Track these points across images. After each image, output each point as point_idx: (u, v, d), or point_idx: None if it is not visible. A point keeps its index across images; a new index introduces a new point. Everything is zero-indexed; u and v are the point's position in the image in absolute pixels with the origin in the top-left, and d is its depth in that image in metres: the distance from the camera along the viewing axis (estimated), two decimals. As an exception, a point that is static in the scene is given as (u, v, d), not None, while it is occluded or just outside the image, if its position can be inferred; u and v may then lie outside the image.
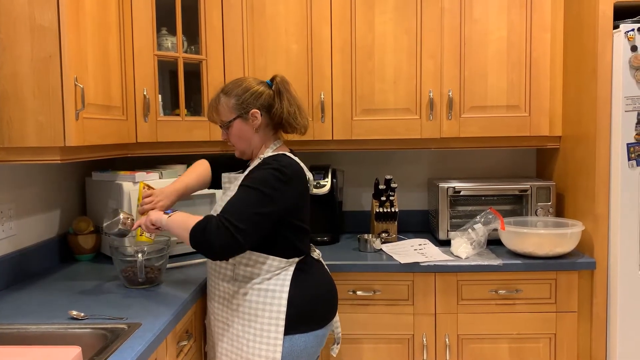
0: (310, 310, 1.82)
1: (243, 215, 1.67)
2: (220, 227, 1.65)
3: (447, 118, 2.57)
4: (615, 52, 2.22)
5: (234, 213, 1.67)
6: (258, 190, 1.70)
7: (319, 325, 1.84)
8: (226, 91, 1.87)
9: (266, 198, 1.70)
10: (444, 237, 2.62)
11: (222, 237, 1.65)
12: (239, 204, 1.69)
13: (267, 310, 1.77)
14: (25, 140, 1.73)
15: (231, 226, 1.64)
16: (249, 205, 1.68)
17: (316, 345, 1.85)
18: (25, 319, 1.66)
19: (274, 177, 1.72)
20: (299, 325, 1.79)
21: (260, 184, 1.71)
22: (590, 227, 2.33)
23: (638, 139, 2.21)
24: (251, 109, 1.83)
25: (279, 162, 1.76)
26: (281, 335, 1.75)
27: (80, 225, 2.42)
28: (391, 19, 2.55)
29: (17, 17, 1.70)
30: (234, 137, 1.88)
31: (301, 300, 1.79)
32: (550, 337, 2.35)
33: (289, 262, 1.82)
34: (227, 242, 1.65)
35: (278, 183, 1.72)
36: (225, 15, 2.56)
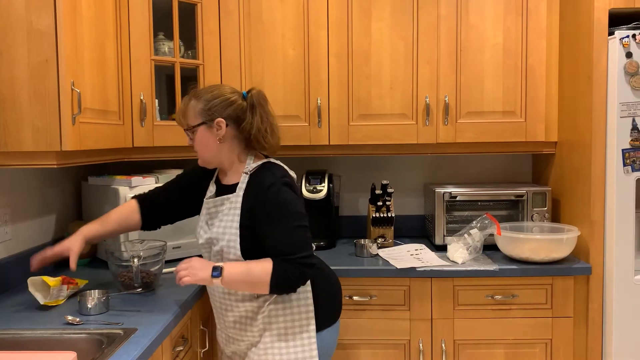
0: (331, 304, 1.88)
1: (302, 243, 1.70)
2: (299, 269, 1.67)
3: (444, 123, 2.57)
4: (611, 59, 2.23)
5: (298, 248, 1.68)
6: (291, 215, 1.70)
7: (338, 315, 1.92)
8: (197, 95, 1.79)
9: (301, 216, 1.72)
10: (440, 242, 2.62)
11: (303, 275, 1.69)
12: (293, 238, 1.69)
13: (295, 313, 1.78)
14: (22, 144, 1.73)
15: (306, 259, 1.69)
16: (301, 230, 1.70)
17: (337, 335, 1.93)
18: (20, 324, 1.66)
19: (288, 193, 1.72)
20: (326, 320, 1.84)
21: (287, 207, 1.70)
22: (586, 232, 2.34)
23: (633, 144, 2.22)
24: (217, 117, 1.75)
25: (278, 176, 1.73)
26: (314, 334, 1.78)
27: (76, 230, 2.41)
28: (387, 25, 2.56)
29: (14, 21, 1.70)
30: (197, 144, 1.79)
31: (323, 296, 1.83)
32: (546, 343, 2.35)
33: None
34: (308, 275, 1.71)
35: (293, 197, 1.73)
36: (222, 20, 2.56)
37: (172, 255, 2.42)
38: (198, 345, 2.05)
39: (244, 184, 1.76)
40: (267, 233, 1.70)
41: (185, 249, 2.46)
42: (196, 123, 1.77)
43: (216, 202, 1.82)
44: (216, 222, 1.79)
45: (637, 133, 2.22)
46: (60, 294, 1.84)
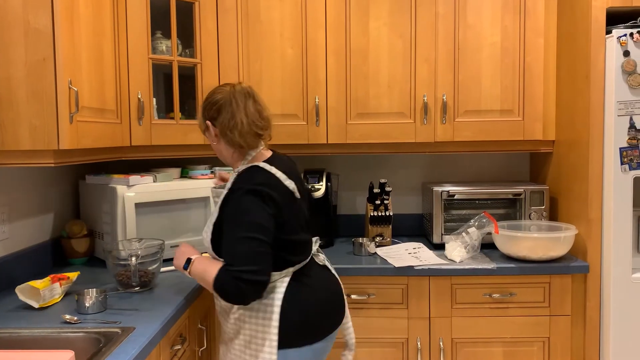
0: (304, 323, 1.73)
1: (248, 254, 1.60)
2: (238, 282, 1.58)
3: (441, 122, 2.58)
4: (608, 57, 2.23)
5: (238, 260, 1.60)
6: (243, 224, 1.62)
7: (315, 338, 1.75)
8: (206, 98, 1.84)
9: (256, 226, 1.62)
10: (438, 240, 2.62)
11: (242, 289, 1.58)
12: (236, 248, 1.62)
13: (259, 325, 1.71)
14: (19, 143, 1.73)
15: (244, 274, 1.57)
16: (248, 242, 1.61)
17: (312, 358, 1.76)
18: (18, 323, 1.66)
19: (251, 201, 1.64)
20: (293, 339, 1.71)
21: (243, 215, 1.63)
22: (584, 231, 2.34)
23: (630, 143, 2.23)
24: (207, 119, 1.80)
25: (250, 181, 1.68)
26: (275, 350, 1.67)
27: (74, 229, 2.41)
28: (386, 24, 2.56)
29: (11, 20, 1.70)
30: (213, 146, 1.85)
31: (294, 314, 1.71)
32: (543, 341, 2.35)
33: (282, 274, 1.73)
34: (251, 290, 1.60)
35: (256, 206, 1.64)
36: (220, 19, 2.56)
37: (170, 254, 2.41)
38: (196, 344, 2.05)
39: (231, 183, 1.73)
40: (224, 237, 1.67)
41: (183, 248, 2.46)
42: (202, 129, 1.86)
43: (217, 192, 1.86)
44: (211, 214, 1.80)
45: (635, 131, 2.22)
46: (54, 293, 1.83)
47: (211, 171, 2.62)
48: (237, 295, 1.60)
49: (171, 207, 2.43)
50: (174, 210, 2.44)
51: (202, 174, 2.58)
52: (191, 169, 2.65)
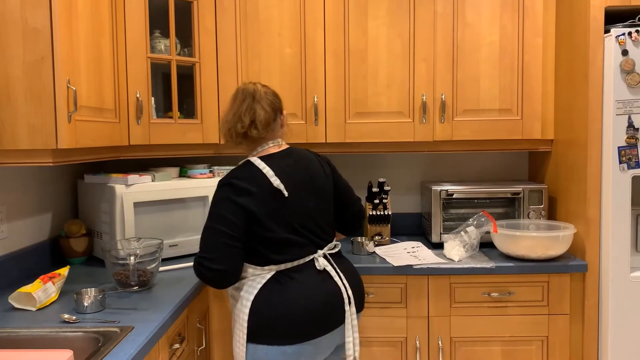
0: (272, 323, 1.72)
1: (207, 243, 1.73)
2: (197, 265, 1.74)
3: (440, 121, 2.58)
4: (607, 56, 2.24)
5: (202, 246, 1.74)
6: (213, 214, 1.74)
7: (284, 341, 1.71)
8: None
9: (219, 217, 1.72)
10: (437, 240, 2.62)
11: (203, 273, 1.72)
12: (203, 234, 1.75)
13: (237, 314, 1.78)
14: (17, 142, 1.72)
15: (204, 260, 1.71)
16: (209, 231, 1.73)
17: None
18: (17, 323, 1.65)
19: (223, 193, 1.74)
20: (261, 335, 1.73)
21: (213, 207, 1.75)
22: (582, 230, 2.35)
23: (629, 142, 2.23)
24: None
25: (230, 175, 1.78)
26: (244, 341, 1.74)
27: (72, 228, 2.41)
28: (384, 23, 2.56)
29: (9, 19, 1.70)
30: None
31: (264, 311, 1.72)
32: (542, 340, 2.35)
33: (265, 270, 1.76)
34: (210, 276, 1.72)
35: (228, 196, 1.73)
36: (218, 18, 2.56)
37: (169, 254, 2.42)
38: (195, 343, 2.05)
39: None
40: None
41: (182, 247, 2.46)
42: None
43: None
44: None
45: (633, 131, 2.22)
46: (49, 292, 1.83)
47: (210, 170, 2.62)
48: (202, 279, 1.74)
49: (170, 206, 2.43)
50: (172, 209, 2.44)
51: (200, 173, 2.57)
52: (190, 168, 2.65)
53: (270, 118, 1.86)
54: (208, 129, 2.56)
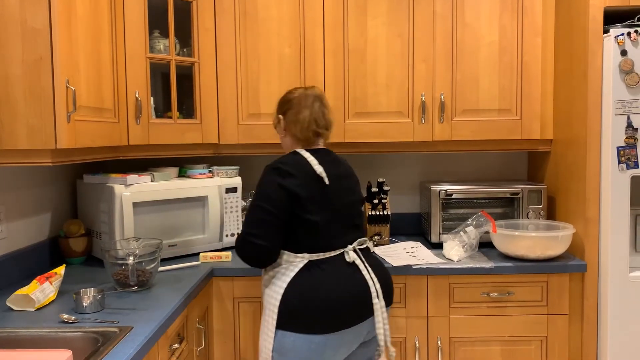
0: (303, 311, 1.77)
1: (251, 219, 1.82)
2: (241, 240, 1.84)
3: (439, 121, 2.58)
4: (606, 57, 2.24)
5: (246, 222, 1.84)
6: (258, 193, 1.84)
7: (311, 330, 1.76)
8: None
9: (265, 195, 1.81)
10: (436, 239, 2.62)
11: (246, 248, 1.83)
12: (248, 212, 1.85)
13: (268, 301, 1.83)
14: (16, 142, 1.72)
15: (248, 235, 1.81)
16: (254, 209, 1.82)
17: (310, 351, 1.76)
18: (16, 323, 1.65)
19: (268, 174, 1.84)
20: (289, 323, 1.78)
21: (259, 187, 1.85)
22: (581, 229, 2.35)
23: (628, 142, 2.23)
24: (278, 114, 2.02)
25: (277, 160, 1.86)
26: (273, 328, 1.79)
27: (71, 228, 2.41)
28: (383, 23, 2.56)
29: (8, 19, 1.70)
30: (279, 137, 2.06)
31: (296, 298, 1.78)
32: (541, 340, 2.36)
33: (298, 257, 1.82)
34: (248, 249, 1.82)
35: (274, 179, 1.82)
36: (218, 18, 2.56)
37: (168, 254, 2.42)
38: (194, 343, 2.05)
39: None
40: None
41: (181, 247, 2.46)
42: (276, 122, 2.04)
43: None
44: None
45: (632, 131, 2.22)
46: (47, 292, 1.83)
47: (209, 170, 2.62)
48: (244, 254, 1.84)
49: (169, 206, 2.43)
50: (171, 209, 2.44)
51: (200, 173, 2.58)
52: (189, 168, 2.65)
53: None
54: (207, 129, 2.56)
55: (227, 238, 2.60)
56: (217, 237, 2.57)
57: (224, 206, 2.57)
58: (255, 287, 2.33)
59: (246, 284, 2.33)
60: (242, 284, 2.33)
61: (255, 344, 2.35)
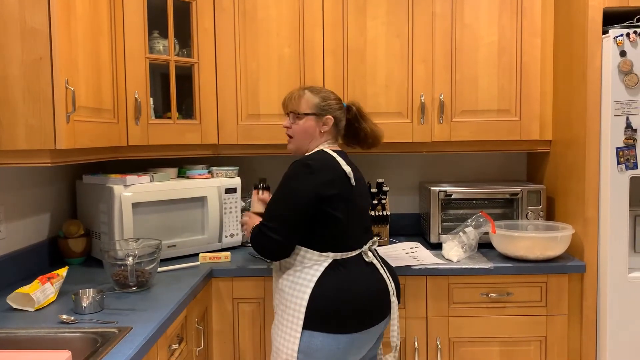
0: (330, 311, 1.78)
1: (273, 213, 1.83)
2: (257, 231, 1.84)
3: (439, 122, 2.58)
4: (605, 57, 2.24)
5: (266, 214, 1.85)
6: (284, 186, 1.83)
7: (341, 329, 1.78)
8: (313, 90, 1.98)
9: (291, 191, 1.81)
10: (436, 240, 2.62)
11: (260, 240, 1.83)
12: (270, 205, 1.86)
13: (291, 301, 1.80)
14: (16, 143, 1.72)
15: (264, 227, 1.82)
16: (277, 203, 1.83)
17: (338, 350, 1.78)
18: (15, 323, 1.65)
19: (299, 170, 1.82)
20: (318, 323, 1.77)
21: (286, 180, 1.84)
22: (581, 230, 2.35)
23: (627, 143, 2.23)
24: (329, 114, 1.96)
25: (307, 157, 1.86)
26: (299, 328, 1.77)
27: (71, 229, 2.41)
28: (383, 24, 2.56)
29: (7, 19, 1.70)
30: (299, 130, 1.97)
31: (323, 299, 1.78)
32: (540, 340, 2.36)
33: (323, 257, 1.82)
34: (264, 242, 1.82)
35: (303, 175, 1.81)
36: (217, 18, 2.56)
37: (167, 254, 2.41)
38: (194, 344, 2.05)
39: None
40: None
41: (180, 248, 2.46)
42: (308, 112, 1.95)
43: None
44: None
45: (631, 131, 2.22)
46: (47, 293, 1.83)
47: (208, 171, 2.62)
48: (256, 244, 1.85)
49: (168, 207, 2.43)
50: (171, 210, 2.44)
51: (199, 174, 2.58)
52: (188, 168, 2.65)
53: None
54: (207, 129, 2.56)
55: (226, 239, 2.60)
56: (217, 237, 2.57)
57: (223, 207, 2.57)
58: (254, 287, 2.33)
59: (245, 284, 2.33)
60: (241, 285, 2.33)
61: (255, 344, 2.35)
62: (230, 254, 2.43)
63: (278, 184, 1.85)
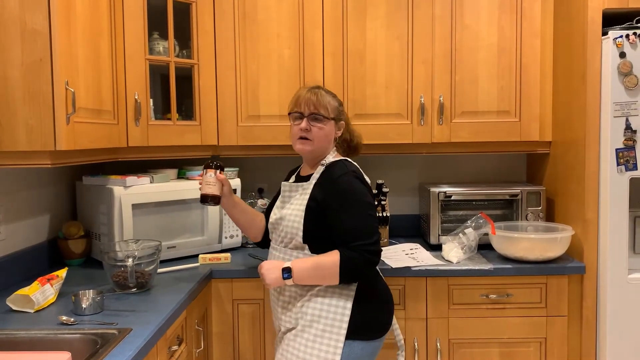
0: (373, 319, 1.81)
1: (369, 230, 1.75)
2: (365, 255, 1.73)
3: (438, 123, 2.58)
4: (604, 59, 2.24)
5: (364, 234, 1.74)
6: (360, 203, 1.78)
7: (378, 334, 1.83)
8: (331, 94, 1.94)
9: (368, 206, 1.79)
10: (435, 241, 2.62)
11: (369, 261, 1.74)
12: (360, 223, 1.76)
13: (331, 312, 1.77)
14: (16, 144, 1.72)
15: (371, 246, 1.73)
16: (365, 219, 1.76)
17: (371, 355, 1.83)
18: (15, 325, 1.65)
19: (358, 184, 1.81)
20: (361, 332, 1.78)
21: (358, 196, 1.79)
22: (580, 231, 2.35)
23: (627, 144, 2.23)
24: (343, 119, 1.96)
25: (348, 168, 1.84)
26: (342, 338, 1.75)
27: (71, 230, 2.41)
28: (383, 25, 2.56)
29: (8, 20, 1.70)
30: (322, 135, 1.88)
31: (366, 307, 1.80)
32: (540, 342, 2.36)
33: None
34: (374, 262, 1.76)
35: (364, 189, 1.82)
36: (217, 19, 2.56)
37: (167, 255, 2.41)
38: (194, 345, 2.05)
39: (319, 174, 1.87)
40: (336, 219, 1.78)
41: (180, 249, 2.46)
42: (333, 116, 1.90)
43: (292, 187, 1.93)
44: (287, 205, 1.89)
45: (631, 133, 2.23)
46: (47, 294, 1.83)
47: (208, 172, 2.61)
48: (365, 267, 1.75)
49: (168, 208, 2.43)
50: (171, 211, 2.44)
51: (199, 175, 2.57)
52: (188, 169, 2.65)
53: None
54: (206, 130, 2.56)
55: (226, 240, 2.60)
56: (217, 238, 2.57)
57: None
58: (254, 288, 2.33)
59: (245, 285, 2.33)
60: (241, 286, 2.33)
61: (255, 345, 2.35)
62: (230, 255, 2.43)
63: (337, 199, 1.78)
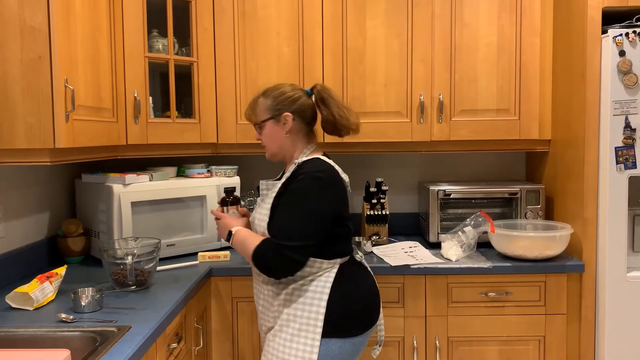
0: (350, 316, 1.79)
1: (293, 233, 1.71)
2: (276, 253, 1.70)
3: (438, 121, 2.58)
4: (604, 57, 2.24)
5: (285, 235, 1.72)
6: (300, 203, 1.74)
7: (357, 332, 1.81)
8: (266, 93, 1.90)
9: (310, 210, 1.73)
10: (435, 239, 2.63)
11: (280, 262, 1.71)
12: (287, 224, 1.73)
13: (306, 311, 1.77)
14: (15, 141, 1.72)
15: (286, 249, 1.70)
16: (295, 222, 1.72)
17: (352, 352, 1.81)
18: (14, 322, 1.65)
19: (312, 186, 1.74)
20: (337, 330, 1.76)
21: (301, 198, 1.74)
22: (579, 230, 2.35)
23: (626, 142, 2.24)
24: (284, 112, 1.85)
25: (314, 168, 1.78)
26: (319, 337, 1.74)
27: (70, 228, 2.41)
28: (382, 23, 2.56)
29: (7, 18, 1.69)
30: (266, 138, 1.89)
31: (341, 305, 1.77)
32: (539, 340, 2.36)
33: (331, 264, 1.80)
34: (286, 265, 1.72)
35: (317, 191, 1.74)
36: (216, 17, 2.56)
37: (166, 253, 2.42)
38: (193, 343, 2.05)
39: (289, 173, 1.83)
40: (276, 212, 1.78)
41: (179, 247, 2.46)
42: (265, 118, 1.87)
43: (268, 185, 1.90)
44: (262, 204, 1.87)
45: (630, 131, 2.23)
46: (46, 292, 1.83)
47: (207, 170, 2.62)
48: (278, 267, 1.72)
49: (167, 205, 2.43)
50: (170, 209, 2.44)
51: (198, 173, 2.57)
52: (187, 167, 2.65)
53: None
54: (206, 128, 2.56)
55: (225, 238, 2.60)
56: (216, 236, 2.57)
57: (222, 206, 2.57)
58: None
59: (245, 283, 2.33)
60: (240, 284, 2.33)
61: (254, 343, 2.35)
62: (229, 253, 2.43)
63: (285, 197, 1.76)
